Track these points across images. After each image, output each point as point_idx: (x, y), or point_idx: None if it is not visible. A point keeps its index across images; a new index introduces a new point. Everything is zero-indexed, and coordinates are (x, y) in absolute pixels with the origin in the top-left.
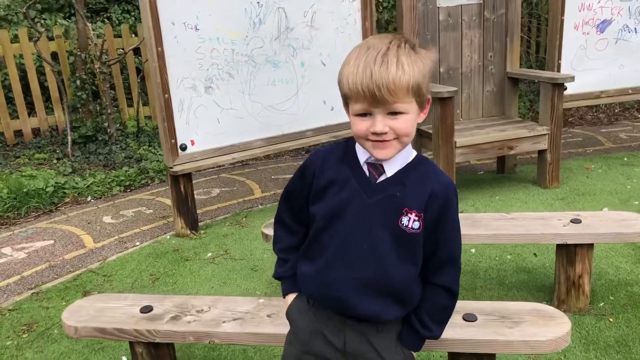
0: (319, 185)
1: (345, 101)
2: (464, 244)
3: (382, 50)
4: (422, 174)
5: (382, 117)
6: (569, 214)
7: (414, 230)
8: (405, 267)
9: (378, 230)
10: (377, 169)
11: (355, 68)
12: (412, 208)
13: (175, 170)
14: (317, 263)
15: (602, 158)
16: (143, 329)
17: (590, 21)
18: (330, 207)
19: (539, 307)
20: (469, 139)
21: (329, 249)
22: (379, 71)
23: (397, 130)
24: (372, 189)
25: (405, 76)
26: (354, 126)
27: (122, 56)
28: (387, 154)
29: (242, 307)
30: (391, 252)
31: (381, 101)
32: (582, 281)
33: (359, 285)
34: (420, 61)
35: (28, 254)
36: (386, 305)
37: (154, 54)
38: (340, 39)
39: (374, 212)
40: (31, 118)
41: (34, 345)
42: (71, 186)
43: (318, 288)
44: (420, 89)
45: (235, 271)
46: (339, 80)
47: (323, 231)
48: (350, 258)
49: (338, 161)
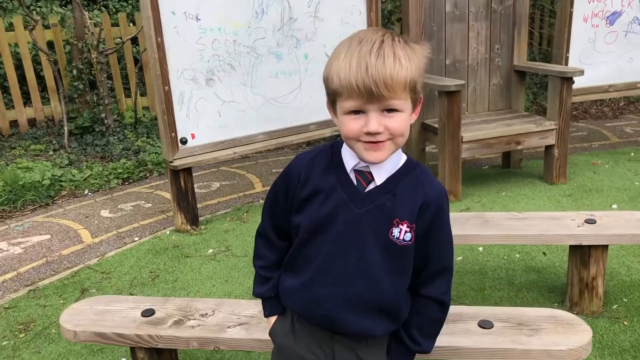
0: (303, 194)
1: (332, 99)
2: (474, 244)
3: (376, 43)
4: (413, 181)
5: (376, 115)
6: (582, 213)
7: (406, 242)
8: (396, 281)
9: (367, 242)
10: (365, 176)
11: (347, 62)
12: (404, 219)
13: (175, 165)
14: (301, 277)
15: (608, 153)
16: (145, 334)
17: (600, 13)
18: (316, 218)
19: (557, 314)
20: (475, 134)
21: (314, 263)
22: (375, 65)
23: (392, 130)
24: (360, 198)
25: (403, 71)
26: (345, 126)
27: (119, 46)
28: (380, 157)
29: (248, 311)
30: (381, 265)
31: (377, 97)
32: (595, 283)
33: (348, 302)
34: (415, 56)
35: (24, 249)
36: (376, 320)
37: (154, 44)
38: (345, 30)
39: (363, 223)
40: (27, 108)
41: (31, 345)
42: (68, 179)
43: (304, 304)
44: (416, 86)
45: (237, 269)
46: (326, 76)
47: (308, 243)
48: (338, 273)
49: (323, 168)
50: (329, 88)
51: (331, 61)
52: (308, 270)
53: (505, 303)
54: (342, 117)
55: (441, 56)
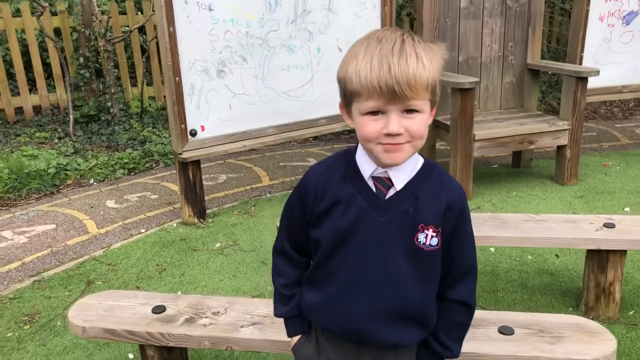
0: (322, 207)
1: (348, 100)
2: (490, 245)
3: (397, 43)
4: (435, 184)
5: (396, 116)
6: (601, 217)
7: (433, 247)
8: (425, 288)
9: (392, 251)
10: (384, 183)
11: (367, 62)
12: (429, 223)
13: (184, 157)
14: (325, 291)
15: (619, 154)
16: (156, 331)
17: (617, 12)
18: (337, 230)
19: (580, 321)
20: (488, 132)
21: (339, 276)
22: (398, 65)
23: (412, 132)
24: (381, 206)
25: (426, 71)
26: (364, 127)
27: (127, 34)
28: (398, 158)
29: (261, 310)
30: (408, 273)
31: (400, 98)
32: (612, 289)
33: (377, 314)
34: (436, 56)
35: (29, 239)
36: (407, 329)
37: (165, 34)
38: (359, 24)
39: (387, 231)
40: (32, 95)
41: (36, 337)
42: (73, 168)
43: (332, 320)
44: (436, 87)
45: (245, 264)
46: (342, 76)
47: (330, 257)
48: (365, 285)
49: (339, 178)
50: (347, 89)
51: (348, 60)
52: (333, 285)
53: (519, 306)
54: (360, 119)
55: (454, 53)
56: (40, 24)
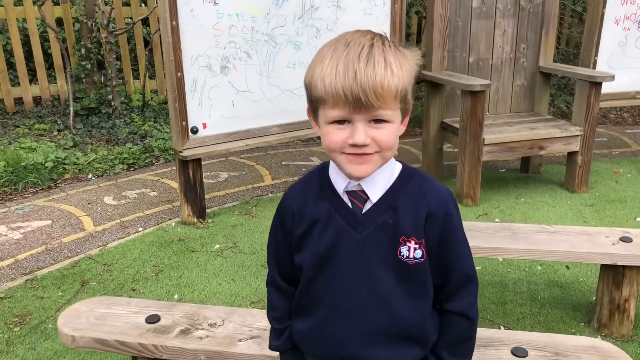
0: (300, 230)
1: (314, 107)
2: (503, 258)
3: (365, 47)
4: (414, 192)
5: (363, 126)
6: (617, 230)
7: (417, 259)
8: (416, 303)
9: (376, 268)
10: (359, 196)
11: (333, 67)
12: (410, 235)
13: (184, 155)
14: (313, 318)
15: (630, 161)
16: (149, 343)
17: (633, 16)
18: (316, 252)
19: (597, 344)
20: (498, 136)
21: (324, 301)
22: (364, 71)
23: (379, 142)
24: (358, 221)
25: (395, 79)
26: (328, 136)
27: (130, 26)
28: (365, 171)
29: (260, 323)
30: (396, 289)
31: (366, 107)
32: (628, 305)
33: (368, 336)
34: (407, 63)
35: (24, 235)
36: (403, 349)
37: (168, 28)
38: (367, 22)
39: (367, 248)
40: (32, 86)
41: (26, 340)
42: (72, 162)
43: (321, 347)
44: (407, 95)
45: (244, 267)
46: (308, 81)
47: (314, 281)
48: (351, 307)
49: (315, 196)
50: (312, 95)
51: (314, 65)
52: (320, 310)
53: (529, 320)
54: (325, 127)
55: (465, 53)
56: (42, 14)
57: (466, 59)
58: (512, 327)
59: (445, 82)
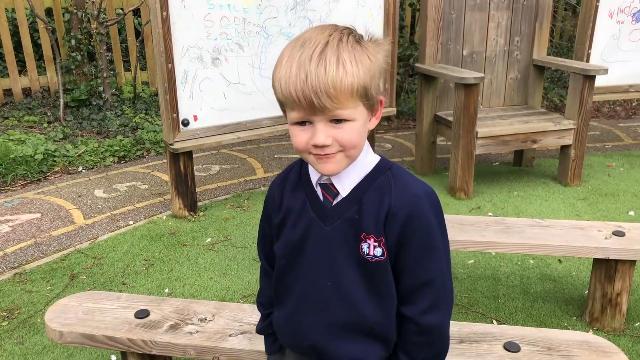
0: (278, 219)
1: (282, 108)
2: (496, 252)
3: (318, 47)
4: (381, 187)
5: (323, 126)
6: (609, 224)
7: (377, 257)
8: (378, 301)
9: (340, 262)
10: (330, 190)
11: (287, 70)
12: (370, 232)
13: (175, 148)
14: (285, 308)
15: (622, 155)
16: (138, 338)
17: (626, 9)
18: (289, 242)
19: (590, 339)
20: (491, 130)
21: (294, 291)
22: (315, 73)
23: (341, 142)
24: (328, 214)
25: (348, 77)
26: (293, 137)
27: (121, 17)
28: (332, 169)
29: (251, 318)
30: (359, 285)
31: (320, 109)
32: (620, 299)
33: (331, 329)
34: (366, 57)
35: (12, 228)
36: (366, 345)
37: (158, 18)
38: (361, 13)
39: (333, 241)
40: (22, 77)
41: (14, 335)
42: (62, 154)
43: (288, 336)
44: (367, 91)
45: (236, 261)
46: (272, 83)
47: (287, 270)
48: (316, 299)
49: (293, 187)
50: (275, 96)
51: (275, 66)
52: (290, 300)
53: (521, 314)
54: (290, 128)
55: (458, 46)
56: (31, 4)
57: (460, 52)
58: (504, 321)
59: (438, 74)
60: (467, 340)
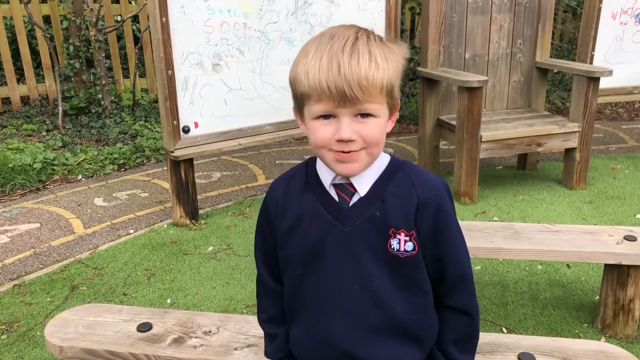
0: (285, 225)
1: (299, 103)
2: (505, 258)
3: (350, 40)
4: (403, 181)
5: (348, 120)
6: (620, 228)
7: (409, 252)
8: (410, 298)
9: (365, 263)
10: (346, 190)
11: (317, 61)
12: (400, 227)
13: (176, 155)
14: (304, 320)
15: (627, 157)
16: (140, 352)
17: (630, 10)
18: (304, 249)
19: (606, 348)
20: (495, 133)
21: (314, 300)
22: (348, 63)
23: (366, 138)
24: (345, 214)
25: (380, 72)
26: (314, 132)
27: (119, 24)
28: (353, 169)
29: (257, 330)
30: (388, 284)
31: (350, 100)
32: (632, 305)
33: (363, 333)
34: (393, 57)
35: (11, 238)
36: (402, 346)
37: (158, 25)
38: (362, 17)
39: (355, 242)
40: (20, 85)
41: (14, 349)
42: (61, 162)
43: (312, 349)
44: (393, 90)
45: (239, 270)
46: (292, 77)
47: (303, 280)
48: (342, 304)
49: (300, 190)
50: (296, 90)
51: (298, 60)
52: (310, 311)
53: (531, 321)
54: (310, 123)
55: (461, 49)
56: (29, 11)
57: (462, 55)
58: (514, 329)
59: (441, 78)
60: (480, 351)
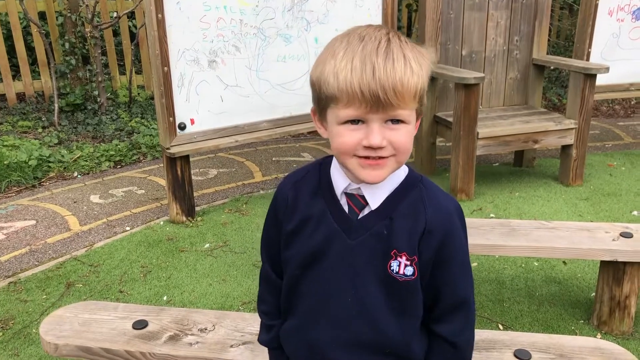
0: (290, 226)
1: (323, 106)
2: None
3: (382, 41)
4: (415, 202)
5: (378, 127)
6: (616, 225)
7: (407, 277)
8: (402, 322)
9: (364, 278)
10: (357, 201)
11: (348, 62)
12: (402, 250)
13: (172, 152)
14: (295, 319)
15: (623, 154)
16: (136, 350)
17: (626, 7)
18: (305, 252)
19: (603, 345)
20: (492, 130)
21: (307, 302)
22: (383, 67)
23: (396, 145)
24: (353, 227)
25: (414, 77)
26: (340, 137)
27: (115, 20)
28: (379, 176)
29: (253, 327)
30: (382, 304)
31: (384, 105)
32: (628, 302)
33: (348, 346)
34: (424, 61)
35: (7, 235)
36: None
37: (154, 21)
38: (359, 14)
39: (358, 256)
40: (16, 82)
41: (9, 346)
42: (57, 159)
43: (298, 348)
44: (424, 96)
45: (235, 266)
46: (317, 78)
47: (300, 280)
48: (334, 314)
49: (311, 192)
50: (321, 92)
51: (324, 60)
52: (303, 311)
53: (527, 318)
54: (336, 128)
55: (457, 46)
56: (24, 8)
57: (459, 52)
58: (510, 326)
59: (438, 75)
60: (476, 348)
